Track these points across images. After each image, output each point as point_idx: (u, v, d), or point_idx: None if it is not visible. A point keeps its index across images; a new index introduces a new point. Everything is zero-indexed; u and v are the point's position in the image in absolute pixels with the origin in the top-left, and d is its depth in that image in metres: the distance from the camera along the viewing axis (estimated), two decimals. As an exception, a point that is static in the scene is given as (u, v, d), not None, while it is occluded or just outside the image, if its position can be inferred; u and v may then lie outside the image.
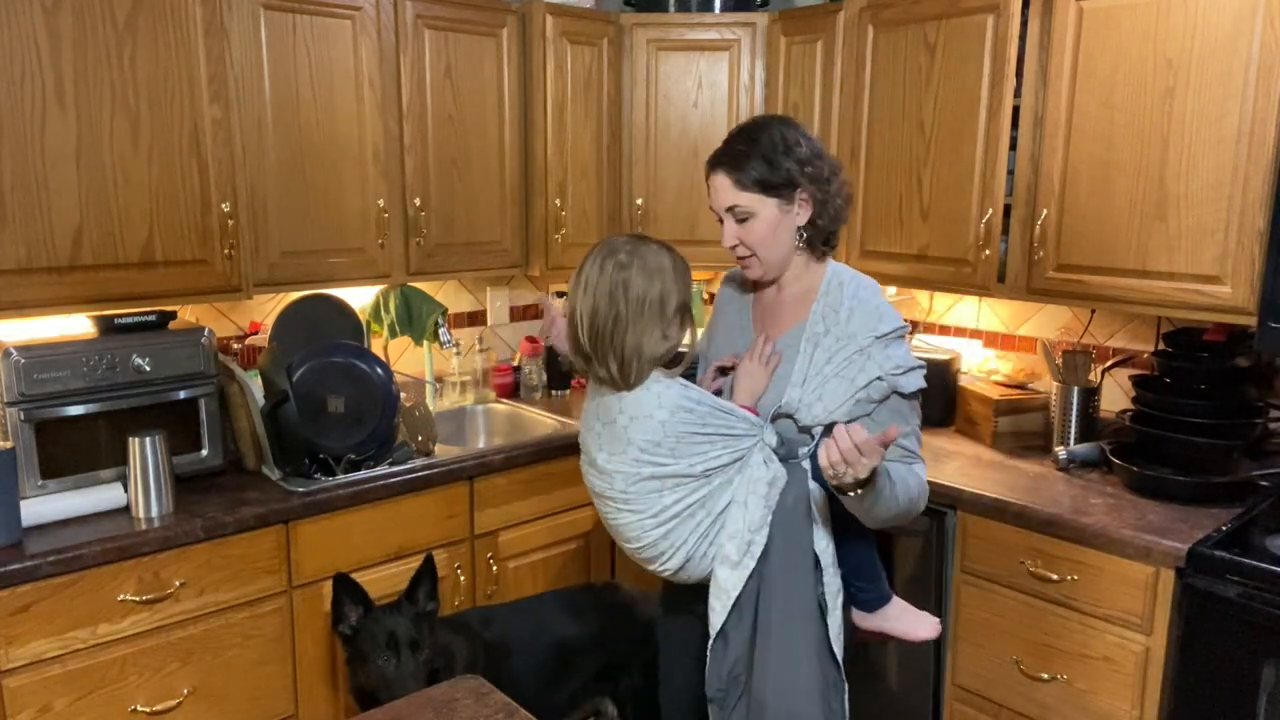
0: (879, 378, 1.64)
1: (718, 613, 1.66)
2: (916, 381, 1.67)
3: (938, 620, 1.78)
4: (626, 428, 1.64)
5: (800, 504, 1.64)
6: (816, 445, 1.58)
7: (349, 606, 2.07)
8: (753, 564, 1.63)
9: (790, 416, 1.69)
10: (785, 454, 1.68)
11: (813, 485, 1.64)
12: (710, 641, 1.68)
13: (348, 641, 2.08)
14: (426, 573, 2.12)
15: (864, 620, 1.77)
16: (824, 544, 1.65)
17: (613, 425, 1.67)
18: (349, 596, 2.07)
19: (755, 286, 1.86)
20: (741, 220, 1.71)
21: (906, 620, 1.77)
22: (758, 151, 1.69)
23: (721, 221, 1.75)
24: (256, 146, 2.40)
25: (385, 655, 2.00)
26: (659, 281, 1.62)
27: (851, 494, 1.51)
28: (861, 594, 1.75)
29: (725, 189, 1.71)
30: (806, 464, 1.65)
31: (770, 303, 1.82)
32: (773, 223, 1.71)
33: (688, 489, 1.64)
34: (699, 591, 1.71)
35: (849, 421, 1.51)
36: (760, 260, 1.74)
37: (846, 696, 1.69)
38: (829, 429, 1.50)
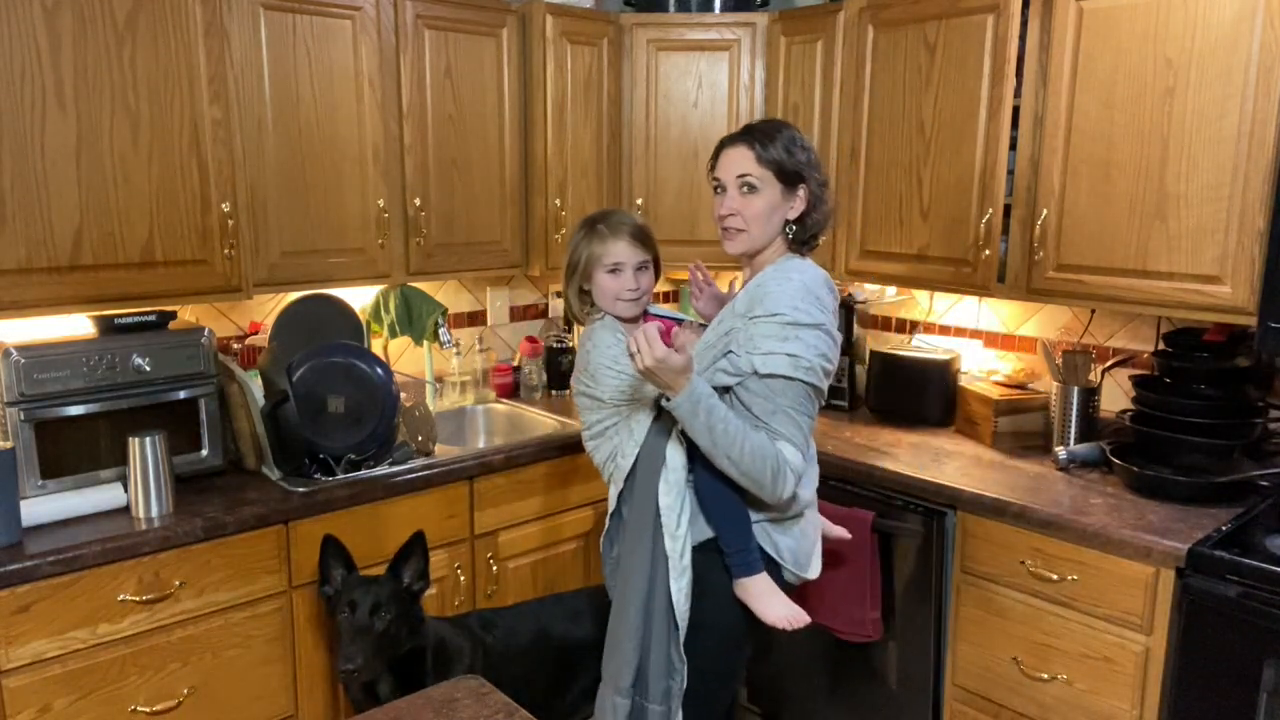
0: (731, 351, 1.80)
1: (612, 500, 2.02)
2: (772, 365, 1.75)
3: (799, 615, 1.84)
4: (578, 354, 2.06)
5: (657, 448, 1.86)
6: None
7: (333, 568, 2.11)
8: (618, 488, 1.98)
9: None
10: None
11: (675, 440, 1.84)
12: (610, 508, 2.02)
13: (328, 604, 2.11)
14: (414, 550, 2.12)
15: (735, 588, 1.87)
16: (669, 501, 1.83)
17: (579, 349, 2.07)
18: (334, 558, 2.10)
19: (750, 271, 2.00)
20: (747, 192, 1.85)
21: (765, 600, 1.85)
22: (781, 139, 1.85)
23: (720, 192, 1.89)
24: (256, 146, 2.40)
25: (344, 610, 2.01)
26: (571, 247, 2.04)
27: (665, 400, 1.72)
28: (726, 559, 1.85)
29: (743, 159, 1.85)
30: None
31: (746, 286, 1.94)
32: (772, 205, 1.86)
33: (605, 412, 1.97)
34: None
35: (722, 391, 1.78)
36: (748, 236, 1.87)
37: (683, 673, 1.85)
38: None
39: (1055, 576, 2.16)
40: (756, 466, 1.74)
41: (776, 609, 1.84)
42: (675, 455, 1.84)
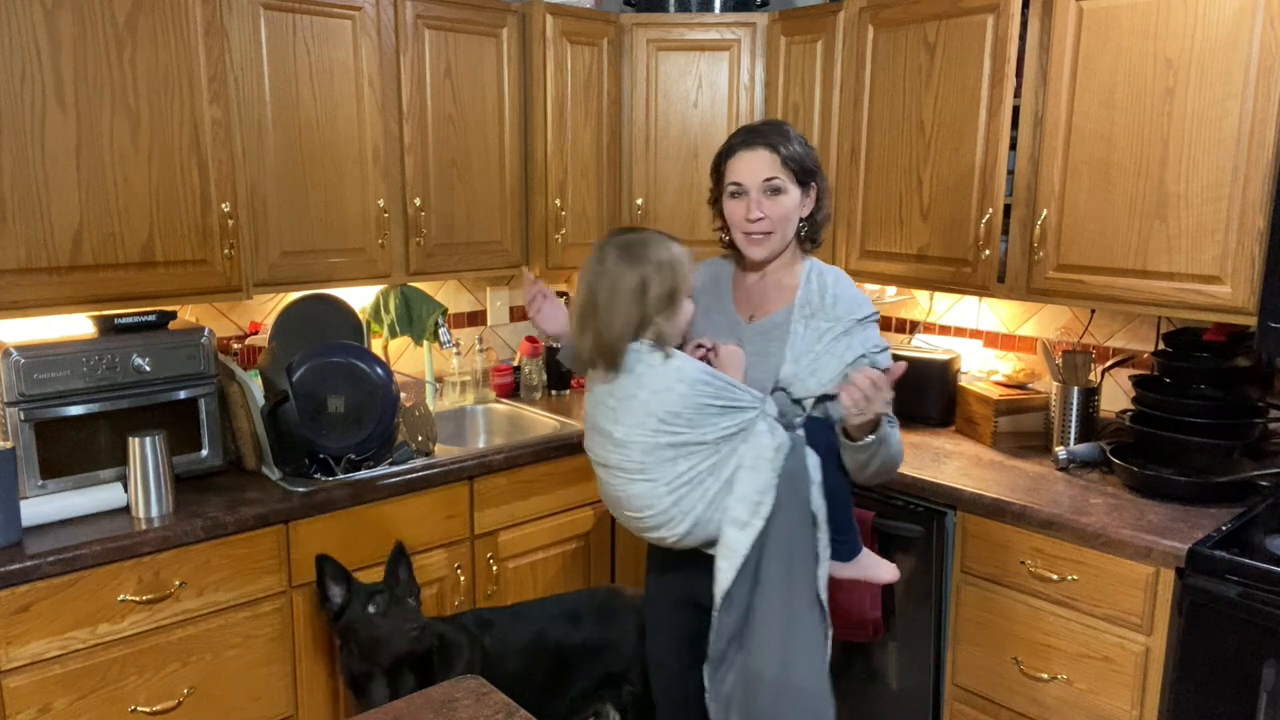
0: (863, 355, 1.81)
1: (725, 573, 1.76)
2: (888, 359, 1.84)
3: (895, 566, 1.93)
4: (648, 401, 1.73)
5: (801, 467, 1.76)
6: (810, 415, 1.80)
7: (332, 587, 2.11)
8: (761, 524, 1.73)
9: (785, 390, 1.83)
10: (784, 424, 1.79)
11: (808, 450, 1.77)
12: (717, 601, 1.77)
13: (335, 619, 2.11)
14: (399, 560, 2.16)
15: (840, 570, 1.89)
16: (819, 502, 1.78)
17: (632, 400, 1.74)
18: (332, 577, 2.11)
19: (740, 270, 1.98)
20: (772, 194, 1.84)
21: (873, 565, 1.92)
22: (794, 138, 1.86)
23: (739, 195, 1.86)
24: (256, 146, 2.40)
25: (370, 605, 2.04)
26: (639, 270, 1.74)
27: (862, 439, 1.71)
28: (842, 545, 1.86)
29: (767, 162, 1.83)
30: (802, 431, 1.78)
31: (752, 286, 1.96)
32: (795, 203, 1.86)
33: (700, 456, 1.74)
34: (690, 568, 1.85)
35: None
36: (777, 237, 1.86)
37: (830, 639, 1.82)
38: (819, 401, 1.79)
39: (1055, 576, 2.16)
40: (896, 461, 1.83)
41: (885, 567, 1.91)
42: (814, 462, 1.77)
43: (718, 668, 1.81)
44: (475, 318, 3.30)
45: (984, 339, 2.99)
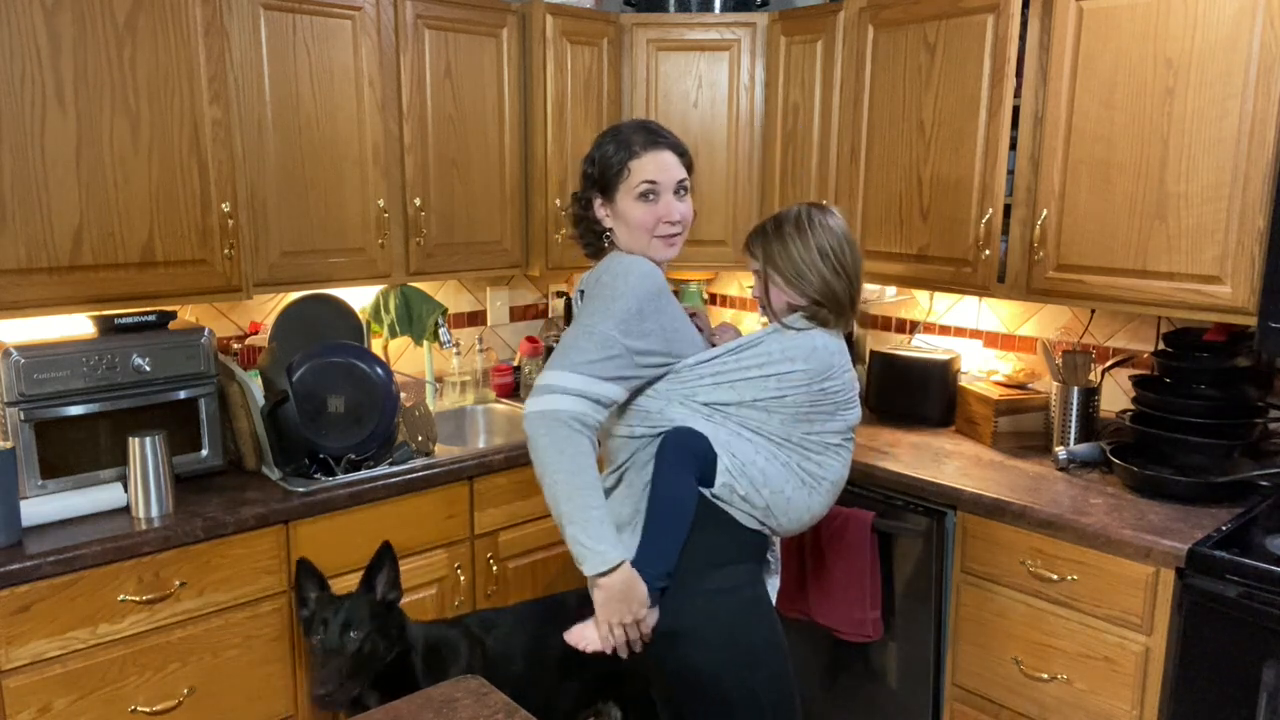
0: None
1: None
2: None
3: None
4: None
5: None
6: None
7: (308, 589, 2.08)
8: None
9: None
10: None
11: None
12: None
13: (305, 628, 2.07)
14: (383, 561, 2.10)
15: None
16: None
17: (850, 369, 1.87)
18: (307, 579, 2.08)
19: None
20: (683, 195, 1.84)
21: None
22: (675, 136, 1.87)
23: (652, 197, 1.81)
24: (256, 146, 2.40)
25: (317, 632, 1.97)
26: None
27: None
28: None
29: (675, 162, 1.83)
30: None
31: None
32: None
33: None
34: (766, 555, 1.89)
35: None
36: (683, 238, 1.86)
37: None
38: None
39: (1055, 576, 2.16)
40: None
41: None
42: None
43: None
44: (475, 318, 3.30)
45: (984, 339, 2.99)
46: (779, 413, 1.77)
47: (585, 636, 1.77)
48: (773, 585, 1.93)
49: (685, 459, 1.73)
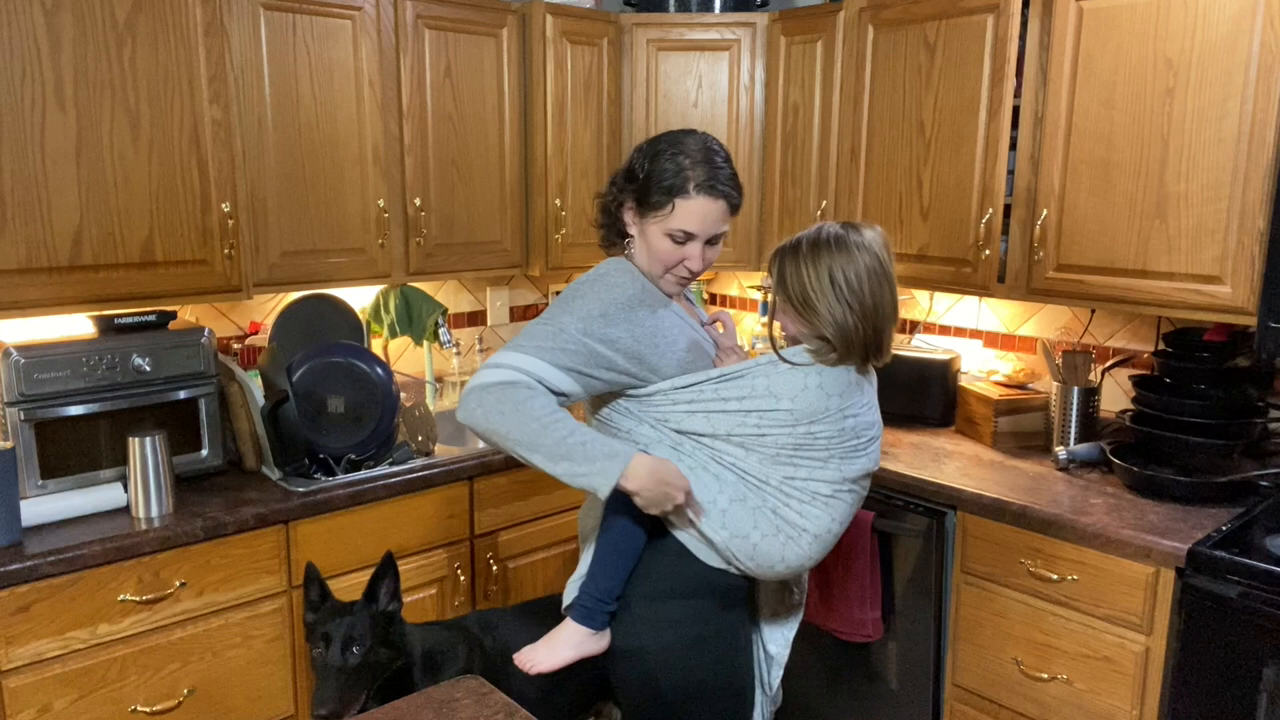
0: None
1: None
2: None
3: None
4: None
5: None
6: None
7: (314, 595, 2.05)
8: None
9: None
10: None
11: None
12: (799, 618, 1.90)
13: (308, 634, 2.04)
14: (386, 571, 2.06)
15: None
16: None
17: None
18: (315, 586, 2.04)
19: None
20: (714, 244, 1.72)
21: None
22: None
23: (684, 241, 1.68)
24: (256, 146, 2.40)
25: (318, 646, 1.94)
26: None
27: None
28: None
29: (722, 215, 1.70)
30: None
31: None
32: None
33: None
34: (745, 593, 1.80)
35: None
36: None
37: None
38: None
39: (1055, 576, 2.16)
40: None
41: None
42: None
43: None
44: (475, 318, 3.30)
45: (984, 339, 2.99)
46: (757, 451, 1.64)
47: (534, 659, 1.70)
48: (778, 629, 1.88)
49: None
